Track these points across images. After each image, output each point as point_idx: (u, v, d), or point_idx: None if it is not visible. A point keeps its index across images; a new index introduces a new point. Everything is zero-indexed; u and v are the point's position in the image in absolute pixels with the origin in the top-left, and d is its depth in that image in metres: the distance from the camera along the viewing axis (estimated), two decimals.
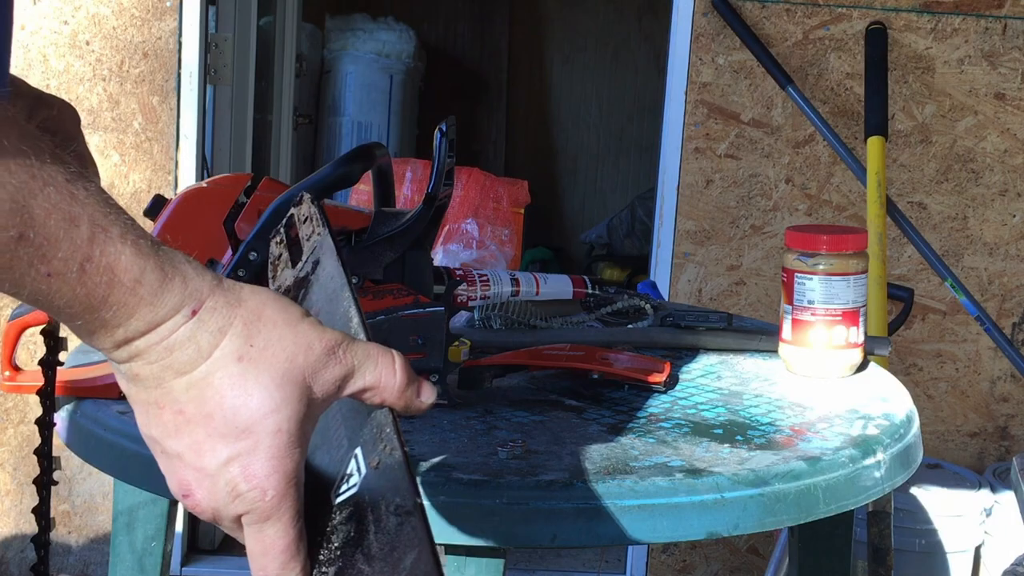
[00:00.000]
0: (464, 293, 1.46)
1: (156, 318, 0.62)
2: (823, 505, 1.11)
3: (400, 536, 0.66)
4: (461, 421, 1.20)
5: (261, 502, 0.64)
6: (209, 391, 0.63)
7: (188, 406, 0.63)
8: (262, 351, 0.63)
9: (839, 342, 1.42)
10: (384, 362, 0.68)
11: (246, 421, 0.63)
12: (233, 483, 0.63)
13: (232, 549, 3.04)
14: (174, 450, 0.63)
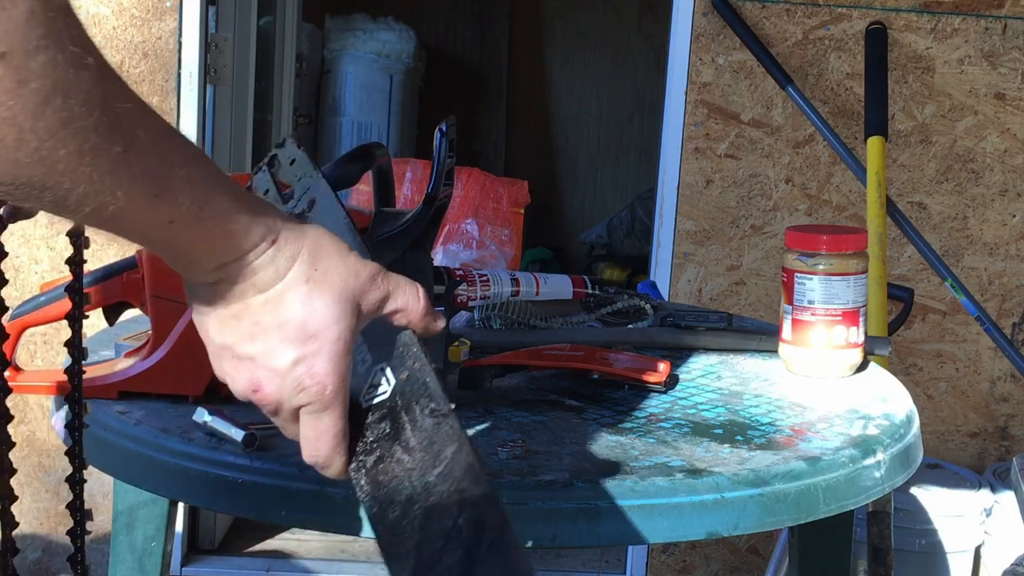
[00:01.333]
0: (464, 293, 1.46)
1: (246, 247, 0.74)
2: (823, 505, 1.11)
3: (438, 433, 0.77)
4: (461, 421, 1.19)
5: (321, 395, 0.77)
6: (283, 305, 0.75)
7: (265, 317, 0.75)
8: (324, 275, 0.76)
9: (839, 342, 1.42)
10: (411, 290, 0.81)
11: (313, 329, 0.76)
12: (299, 379, 0.76)
13: (232, 549, 3.05)
14: (248, 353, 0.76)
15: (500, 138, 5.12)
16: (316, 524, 1.05)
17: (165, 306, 1.20)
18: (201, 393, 1.20)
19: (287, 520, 1.06)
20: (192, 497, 1.16)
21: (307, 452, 0.79)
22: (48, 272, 2.67)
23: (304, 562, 3.01)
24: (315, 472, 1.05)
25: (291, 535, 3.11)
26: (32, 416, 2.76)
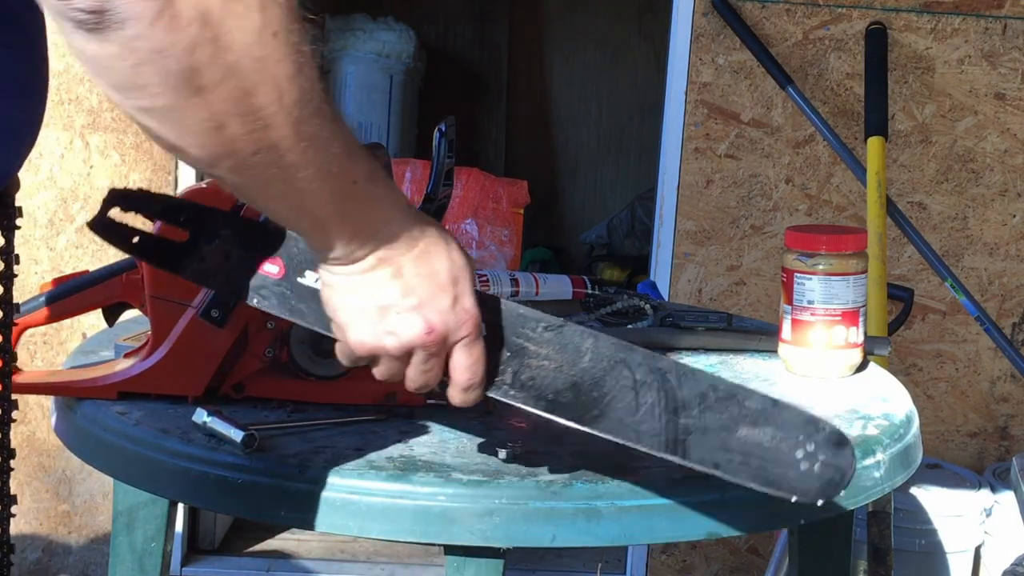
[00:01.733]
0: None
1: (398, 218, 0.89)
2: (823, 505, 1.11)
3: (563, 337, 0.94)
4: (460, 421, 1.20)
5: (476, 326, 0.93)
6: (430, 259, 0.90)
7: (421, 269, 0.89)
8: (451, 236, 0.92)
9: (839, 342, 1.42)
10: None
11: (455, 274, 0.91)
12: (458, 315, 0.91)
13: (232, 549, 3.05)
14: (413, 304, 0.89)
15: (500, 138, 5.12)
16: (315, 524, 1.05)
17: (165, 307, 1.20)
18: (200, 394, 1.20)
19: (286, 520, 1.06)
20: (192, 498, 1.16)
21: (464, 379, 0.93)
22: (48, 272, 2.67)
23: (304, 562, 3.01)
24: (314, 472, 1.05)
25: (291, 535, 3.11)
26: (32, 416, 2.76)
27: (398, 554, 3.05)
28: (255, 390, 1.22)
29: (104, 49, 0.69)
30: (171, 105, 0.71)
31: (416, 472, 1.05)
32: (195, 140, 0.74)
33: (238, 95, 0.72)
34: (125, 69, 0.70)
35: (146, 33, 0.68)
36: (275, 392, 1.22)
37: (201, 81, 0.70)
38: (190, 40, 0.69)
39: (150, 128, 0.74)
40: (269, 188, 0.80)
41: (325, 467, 1.05)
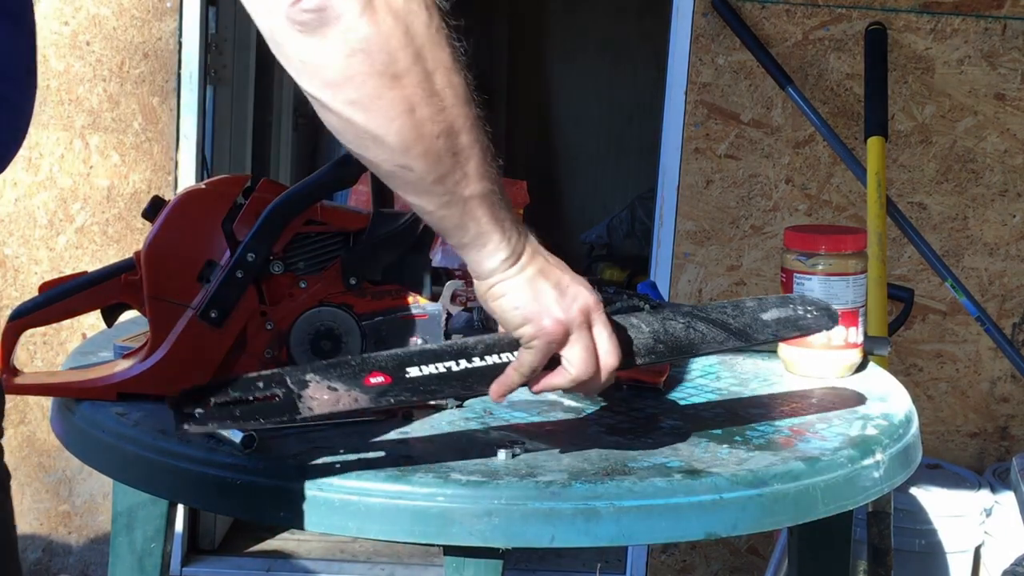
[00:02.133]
0: (463, 293, 1.46)
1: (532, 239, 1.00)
2: (822, 506, 1.11)
3: (662, 313, 1.14)
4: (460, 422, 1.20)
5: (604, 311, 1.04)
6: (556, 265, 1.01)
7: (563, 275, 1.00)
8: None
9: (838, 342, 1.42)
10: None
11: (573, 272, 1.02)
12: (599, 303, 1.02)
13: (232, 549, 3.05)
14: (569, 278, 1.00)
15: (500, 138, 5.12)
16: (314, 525, 1.05)
17: (163, 308, 1.20)
18: None
19: (285, 521, 1.06)
20: (190, 499, 1.16)
21: (611, 356, 1.02)
22: (48, 272, 2.67)
23: (304, 562, 3.01)
24: (314, 472, 1.05)
25: (291, 535, 3.11)
26: (32, 416, 2.76)
27: (398, 554, 3.05)
28: None
29: (321, 46, 0.82)
30: (375, 92, 0.84)
31: (415, 473, 1.05)
32: (394, 125, 0.86)
33: (423, 78, 0.86)
34: (339, 61, 0.83)
35: (355, 24, 0.82)
36: None
37: (397, 67, 0.84)
38: (388, 30, 0.83)
39: (354, 121, 0.87)
40: (447, 181, 0.91)
41: (324, 468, 1.05)
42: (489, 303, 0.99)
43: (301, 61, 0.84)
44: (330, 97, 0.86)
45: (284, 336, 1.20)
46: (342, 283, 1.21)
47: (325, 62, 0.84)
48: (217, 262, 1.20)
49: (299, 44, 0.83)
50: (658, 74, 3.11)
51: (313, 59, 0.84)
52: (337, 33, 0.82)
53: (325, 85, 0.85)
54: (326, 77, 0.85)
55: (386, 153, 0.89)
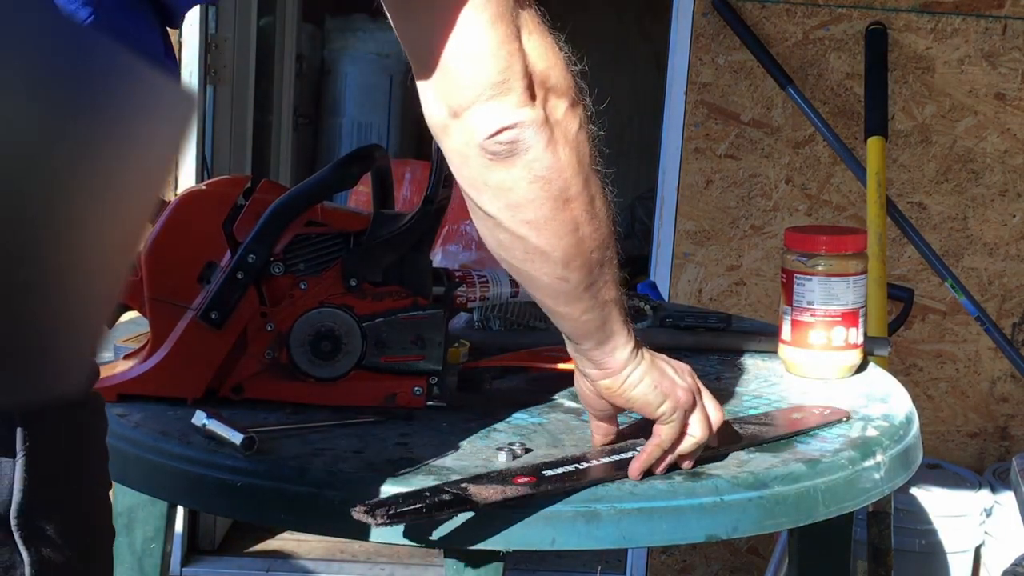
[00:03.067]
0: (463, 294, 1.46)
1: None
2: (822, 507, 1.11)
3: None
4: (460, 423, 1.20)
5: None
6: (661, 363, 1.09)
7: (663, 356, 1.09)
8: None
9: (838, 343, 1.42)
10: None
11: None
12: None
13: (232, 550, 3.05)
14: (678, 384, 1.06)
15: None
16: (315, 527, 1.05)
17: (164, 309, 1.20)
18: (200, 396, 1.20)
19: (286, 523, 1.06)
20: (191, 500, 1.16)
21: (719, 414, 1.09)
22: None
23: (304, 562, 3.01)
24: (314, 474, 1.05)
25: (291, 535, 3.11)
26: None
27: (398, 555, 3.05)
28: (254, 392, 1.21)
29: (510, 174, 0.92)
30: (549, 215, 0.95)
31: (415, 474, 1.05)
32: (560, 242, 0.96)
33: (588, 201, 0.97)
34: (523, 187, 0.93)
35: (541, 156, 0.92)
36: (274, 394, 1.22)
37: (569, 192, 0.95)
38: (565, 160, 0.94)
39: (528, 238, 0.95)
40: (592, 288, 1.00)
41: (324, 469, 1.05)
42: (627, 393, 1.05)
43: (490, 183, 0.93)
44: (509, 217, 0.95)
45: (284, 337, 1.20)
46: (343, 284, 1.21)
47: (511, 187, 0.93)
48: (217, 263, 1.20)
49: (488, 170, 0.92)
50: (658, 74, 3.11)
51: (502, 183, 0.93)
52: (524, 163, 0.92)
53: (508, 206, 0.94)
54: (510, 200, 0.94)
55: (549, 267, 0.97)
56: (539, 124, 0.91)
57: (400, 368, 1.22)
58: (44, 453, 0.76)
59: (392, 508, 0.94)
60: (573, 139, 0.95)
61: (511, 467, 1.06)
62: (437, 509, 0.97)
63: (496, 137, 0.90)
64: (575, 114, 0.96)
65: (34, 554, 0.75)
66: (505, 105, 0.90)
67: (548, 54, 0.94)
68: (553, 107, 0.93)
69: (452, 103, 0.90)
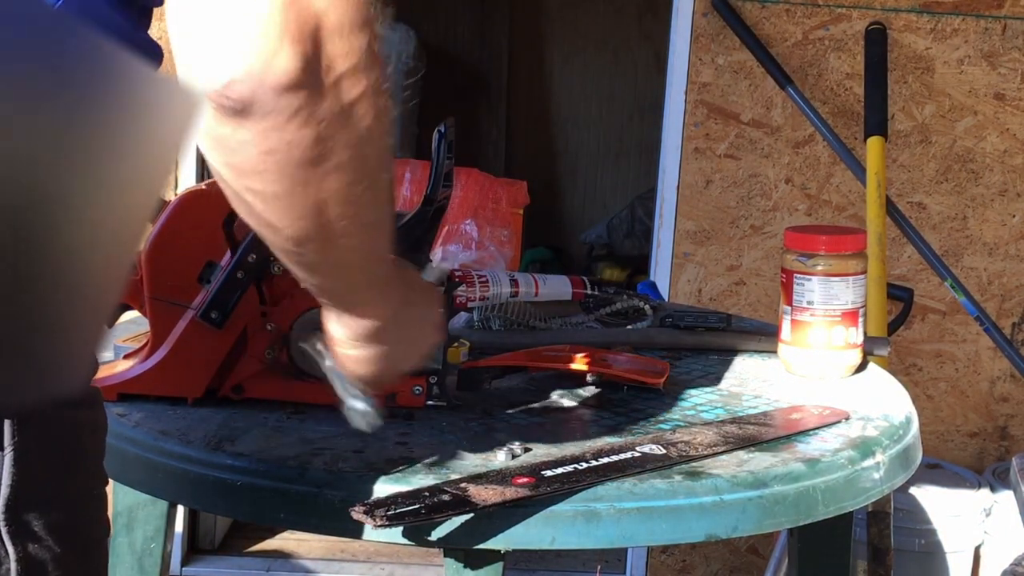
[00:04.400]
0: (463, 294, 1.46)
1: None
2: (822, 507, 1.11)
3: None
4: (460, 423, 1.20)
5: None
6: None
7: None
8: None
9: (838, 343, 1.42)
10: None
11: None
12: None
13: (232, 549, 3.05)
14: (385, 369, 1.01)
15: (500, 138, 5.12)
16: (315, 527, 1.05)
17: (164, 308, 1.20)
18: (200, 395, 1.20)
19: (286, 523, 1.06)
20: (191, 500, 1.16)
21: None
22: None
23: (304, 562, 3.01)
24: (314, 474, 1.05)
25: (291, 535, 3.11)
26: None
27: (398, 554, 3.05)
28: (254, 392, 1.22)
29: (237, 134, 0.71)
30: (282, 191, 0.75)
31: (415, 473, 1.05)
32: (294, 222, 0.77)
33: (343, 186, 0.76)
34: (251, 154, 0.72)
35: (282, 126, 0.71)
36: (275, 393, 1.22)
37: (315, 172, 0.74)
38: (319, 133, 0.72)
39: (252, 206, 0.77)
40: (339, 268, 0.86)
41: (324, 469, 1.05)
42: (347, 363, 0.99)
43: (211, 134, 0.73)
44: (232, 179, 0.76)
45: (284, 337, 1.20)
46: None
47: (237, 148, 0.73)
48: (217, 263, 1.20)
49: (215, 120, 0.72)
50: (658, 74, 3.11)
51: (224, 140, 0.73)
52: (257, 129, 0.71)
53: (230, 166, 0.75)
54: (233, 161, 0.75)
55: (280, 240, 0.81)
56: (289, 85, 0.69)
57: None
58: (35, 449, 0.75)
59: (391, 508, 0.94)
60: (343, 110, 0.72)
61: (510, 467, 1.06)
62: (436, 510, 0.97)
63: (225, 89, 0.69)
64: (358, 79, 0.72)
65: (20, 550, 0.75)
66: (241, 51, 0.68)
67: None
68: (326, 63, 0.70)
69: (193, 32, 0.72)
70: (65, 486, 0.80)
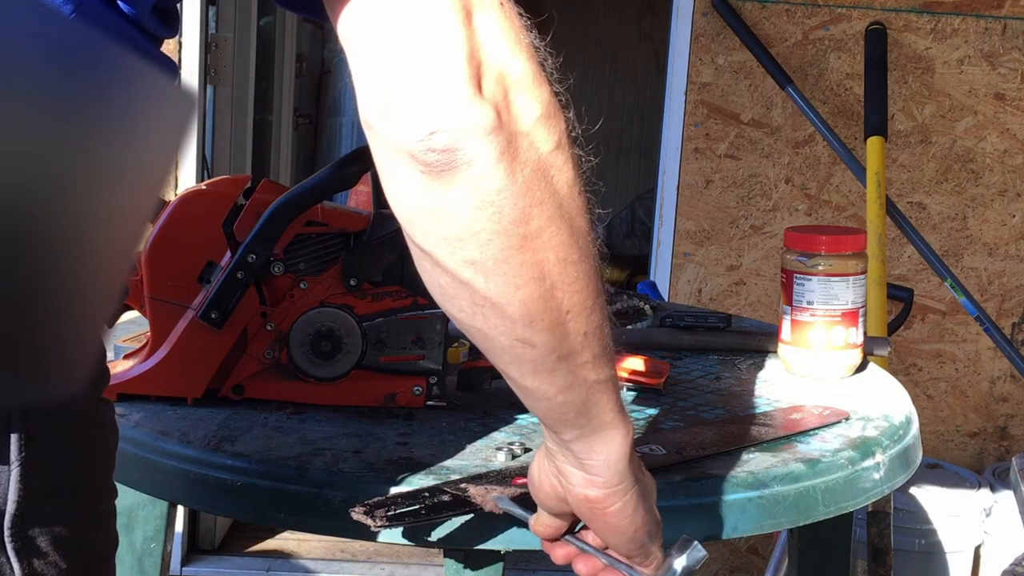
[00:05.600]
0: None
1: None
2: (822, 507, 1.11)
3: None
4: (460, 423, 1.20)
5: None
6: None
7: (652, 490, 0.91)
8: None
9: (838, 343, 1.42)
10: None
11: None
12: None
13: (232, 549, 3.05)
14: (656, 526, 0.91)
15: None
16: (315, 527, 1.05)
17: (164, 308, 1.20)
18: (200, 395, 1.20)
19: (286, 523, 1.06)
20: (191, 500, 1.16)
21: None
22: None
23: (304, 562, 3.01)
24: (314, 474, 1.05)
25: (291, 535, 3.11)
26: None
27: (398, 554, 3.05)
28: (254, 392, 1.22)
29: (448, 194, 0.69)
30: (499, 255, 0.71)
31: (415, 474, 1.05)
32: (517, 294, 0.73)
33: (558, 243, 0.72)
34: (464, 214, 0.70)
35: (490, 173, 0.69)
36: (275, 394, 1.22)
37: (530, 227, 0.71)
38: (525, 181, 0.70)
39: (473, 286, 0.73)
40: (575, 357, 0.77)
41: (324, 469, 1.05)
42: (611, 518, 0.84)
43: (421, 206, 0.71)
44: (448, 254, 0.72)
45: (284, 337, 1.20)
46: (342, 284, 1.21)
47: (449, 211, 0.70)
48: (217, 263, 1.20)
49: (421, 187, 0.70)
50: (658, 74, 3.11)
51: (435, 206, 0.70)
52: (466, 181, 0.69)
53: (444, 239, 0.71)
54: (447, 230, 0.71)
55: (505, 324, 0.74)
56: (489, 129, 0.68)
57: (400, 368, 1.22)
58: (43, 464, 0.75)
59: (391, 509, 0.94)
60: (543, 160, 0.71)
61: (510, 467, 1.06)
62: (436, 511, 0.97)
63: (427, 141, 0.68)
64: (550, 127, 0.72)
65: (26, 566, 0.74)
66: (441, 97, 0.68)
67: (510, 41, 0.70)
68: (516, 111, 0.70)
69: (378, 92, 0.69)
70: (72, 501, 0.79)
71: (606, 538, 0.86)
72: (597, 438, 0.80)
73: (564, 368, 0.77)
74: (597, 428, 0.80)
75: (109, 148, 0.45)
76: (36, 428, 0.74)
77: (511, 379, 0.78)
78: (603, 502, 0.82)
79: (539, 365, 0.76)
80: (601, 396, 0.79)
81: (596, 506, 0.82)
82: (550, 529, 0.89)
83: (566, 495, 0.84)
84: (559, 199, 0.72)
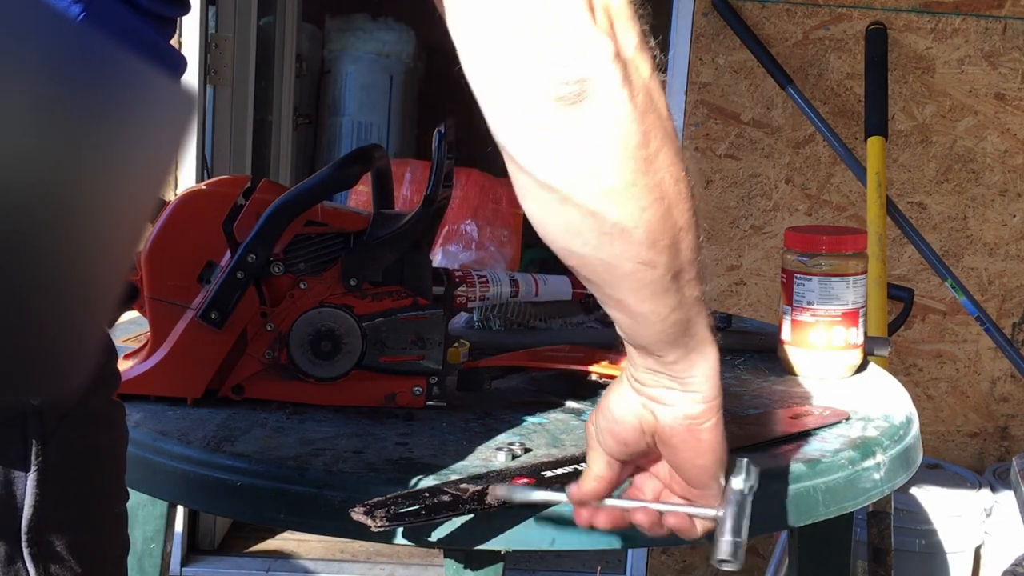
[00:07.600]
0: (463, 294, 1.46)
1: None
2: (822, 507, 1.11)
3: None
4: (460, 423, 1.19)
5: None
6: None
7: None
8: None
9: (839, 343, 1.42)
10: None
11: None
12: None
13: (232, 549, 3.05)
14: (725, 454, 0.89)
15: None
16: (315, 527, 1.05)
17: (164, 308, 1.20)
18: (200, 395, 1.20)
19: (286, 523, 1.06)
20: (190, 500, 1.16)
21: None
22: None
23: (304, 562, 3.01)
24: (314, 474, 1.05)
25: (291, 535, 3.11)
26: None
27: (398, 554, 3.05)
28: (254, 392, 1.21)
29: (582, 126, 0.71)
30: (631, 179, 0.73)
31: (415, 474, 1.05)
32: (644, 215, 0.75)
33: (670, 162, 0.75)
34: (598, 142, 0.72)
35: (617, 98, 0.72)
36: (274, 394, 1.22)
37: (649, 149, 0.73)
38: (642, 105, 0.73)
39: (602, 213, 0.74)
40: (684, 275, 0.81)
41: (324, 469, 1.05)
42: (703, 434, 0.85)
43: (552, 144, 0.72)
44: (581, 186, 0.73)
45: (284, 337, 1.20)
46: (342, 284, 1.21)
47: (583, 142, 0.72)
48: (217, 263, 1.20)
49: (556, 124, 0.72)
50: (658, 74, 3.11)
51: (570, 141, 0.72)
52: (599, 108, 0.71)
53: (577, 171, 0.73)
54: (581, 162, 0.73)
55: (633, 249, 0.76)
56: (611, 56, 0.71)
57: (400, 368, 1.22)
58: (59, 469, 0.75)
59: (391, 509, 0.94)
60: (647, 84, 0.74)
61: (510, 467, 1.06)
62: (436, 511, 0.97)
63: (563, 74, 0.70)
64: (646, 54, 0.75)
65: (42, 572, 0.74)
66: (568, 31, 0.70)
67: None
68: (622, 40, 0.73)
69: (501, 40, 0.72)
70: (87, 505, 0.79)
71: (691, 465, 0.86)
72: (697, 354, 0.83)
73: (675, 287, 0.80)
74: (698, 344, 0.83)
75: (109, 148, 0.45)
76: (51, 432, 0.74)
77: (626, 308, 0.80)
78: (702, 417, 0.84)
79: (657, 287, 0.79)
80: (700, 313, 0.83)
81: (695, 423, 0.84)
82: (603, 483, 0.88)
83: (656, 424, 0.84)
84: (663, 121, 0.75)
